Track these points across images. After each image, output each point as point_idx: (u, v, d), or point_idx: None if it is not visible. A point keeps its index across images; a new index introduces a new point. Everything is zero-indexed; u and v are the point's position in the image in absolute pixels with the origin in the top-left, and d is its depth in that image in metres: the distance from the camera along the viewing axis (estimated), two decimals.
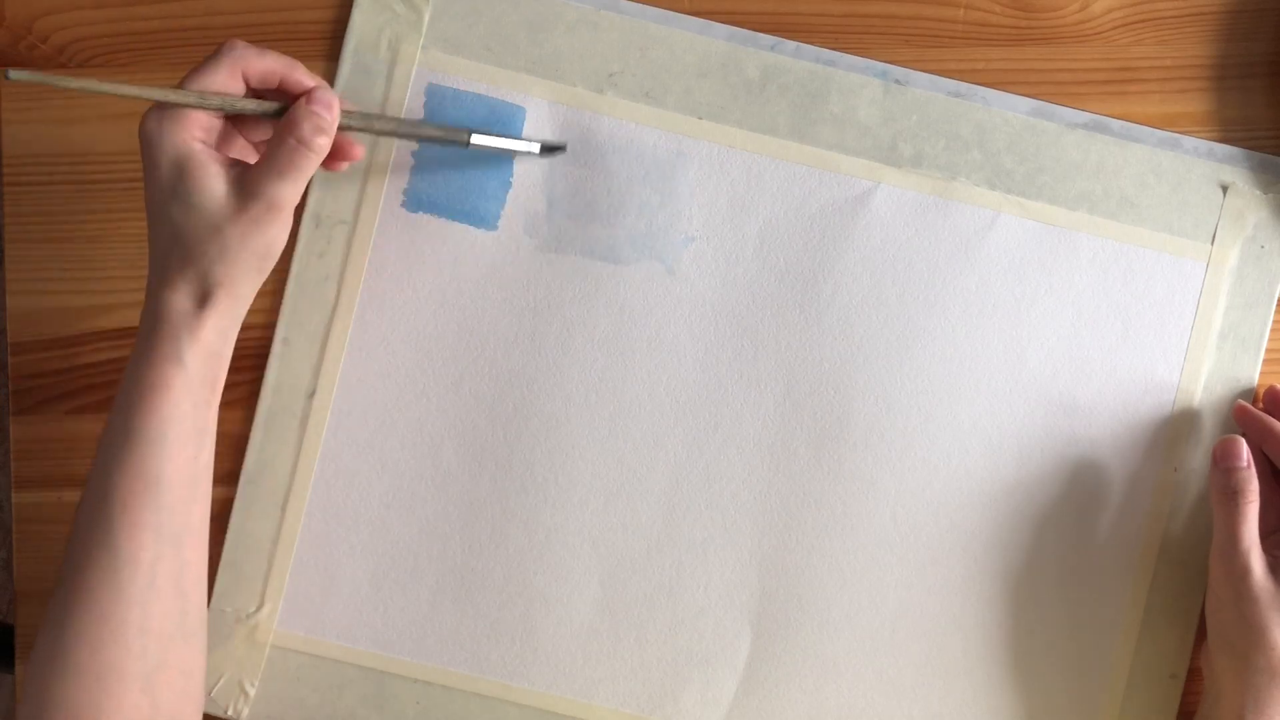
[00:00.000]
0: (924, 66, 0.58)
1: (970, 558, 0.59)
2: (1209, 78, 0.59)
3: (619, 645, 0.59)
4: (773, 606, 0.59)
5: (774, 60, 0.58)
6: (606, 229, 0.58)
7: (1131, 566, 0.59)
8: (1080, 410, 0.58)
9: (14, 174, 0.59)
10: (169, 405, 0.49)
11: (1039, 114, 0.58)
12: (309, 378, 0.58)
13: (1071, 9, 0.59)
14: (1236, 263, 0.58)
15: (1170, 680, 0.59)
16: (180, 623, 0.50)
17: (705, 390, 0.58)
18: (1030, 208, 0.58)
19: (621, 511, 0.59)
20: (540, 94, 0.58)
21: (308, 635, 0.58)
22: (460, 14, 0.58)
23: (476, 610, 0.59)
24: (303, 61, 0.51)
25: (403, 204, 0.58)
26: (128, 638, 0.48)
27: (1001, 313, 0.58)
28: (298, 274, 0.58)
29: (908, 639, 0.59)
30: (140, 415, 0.49)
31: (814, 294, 0.58)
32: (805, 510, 0.58)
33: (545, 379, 0.58)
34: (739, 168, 0.58)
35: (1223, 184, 0.58)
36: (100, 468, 0.49)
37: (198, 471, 0.50)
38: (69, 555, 0.49)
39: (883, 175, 0.58)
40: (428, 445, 0.58)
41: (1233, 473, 0.55)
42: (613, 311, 0.58)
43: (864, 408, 0.58)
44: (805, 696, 0.59)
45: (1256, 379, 0.58)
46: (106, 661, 0.48)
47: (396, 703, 0.58)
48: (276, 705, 0.58)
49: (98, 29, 0.59)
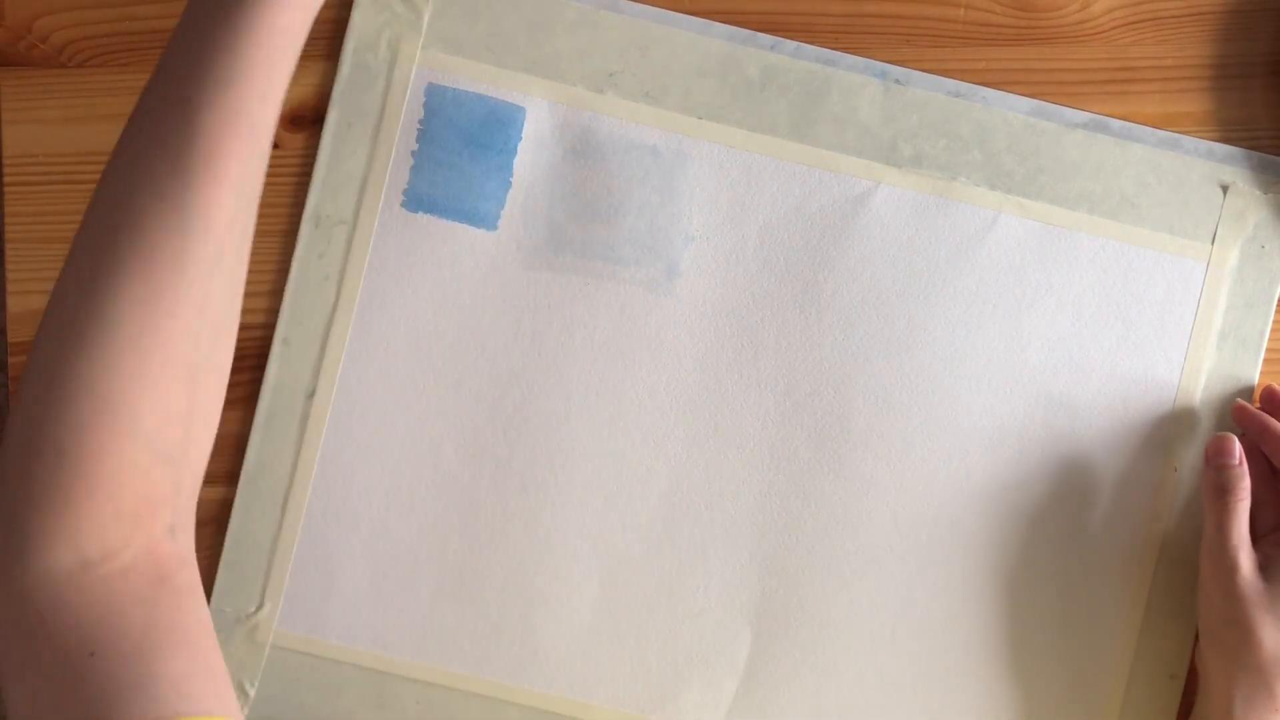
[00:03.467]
0: (924, 66, 0.58)
1: (970, 558, 0.59)
2: (1209, 78, 0.59)
3: (619, 645, 0.59)
4: (773, 606, 0.59)
5: (774, 60, 0.58)
6: (606, 229, 0.58)
7: (1131, 566, 0.59)
8: (1080, 410, 0.59)
9: (14, 174, 0.59)
10: (285, 42, 0.44)
11: (1039, 114, 0.58)
12: (309, 378, 0.58)
13: (1071, 9, 0.59)
14: (1236, 263, 0.58)
15: (1170, 680, 0.59)
16: (230, 309, 0.45)
17: (705, 390, 0.58)
18: (1030, 208, 0.58)
19: (621, 511, 0.59)
20: (540, 94, 0.58)
21: (308, 635, 0.58)
22: (460, 14, 0.58)
23: (476, 610, 0.59)
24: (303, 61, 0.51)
25: (402, 204, 0.58)
26: (186, 317, 0.42)
27: (1001, 313, 0.58)
28: (298, 274, 0.58)
29: (908, 639, 0.59)
30: (250, 48, 0.43)
31: (814, 294, 0.58)
32: (805, 510, 0.58)
33: (545, 379, 0.58)
34: (739, 168, 0.58)
35: (1223, 184, 0.58)
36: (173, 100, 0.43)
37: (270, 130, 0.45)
38: (105, 215, 0.42)
39: (882, 175, 0.58)
40: (428, 445, 0.58)
41: (1224, 470, 0.56)
42: (613, 311, 0.58)
43: (864, 408, 0.58)
44: (805, 696, 0.59)
45: (1256, 379, 0.58)
46: (155, 344, 0.41)
47: (396, 703, 0.58)
48: (276, 705, 0.58)
49: (98, 29, 0.59)
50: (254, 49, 0.44)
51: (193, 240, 0.42)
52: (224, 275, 0.44)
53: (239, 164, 0.43)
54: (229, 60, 0.43)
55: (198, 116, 0.42)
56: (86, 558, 0.41)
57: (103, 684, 0.39)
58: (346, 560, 0.58)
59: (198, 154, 0.42)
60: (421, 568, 0.59)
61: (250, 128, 0.44)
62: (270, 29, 0.44)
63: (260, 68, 0.44)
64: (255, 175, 0.45)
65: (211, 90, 0.43)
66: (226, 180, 0.43)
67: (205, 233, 0.42)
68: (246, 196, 0.44)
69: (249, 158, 0.44)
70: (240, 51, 0.43)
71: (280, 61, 0.45)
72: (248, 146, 0.43)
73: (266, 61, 0.44)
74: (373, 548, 0.58)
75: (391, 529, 0.58)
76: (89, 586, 0.41)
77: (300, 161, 0.58)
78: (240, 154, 0.43)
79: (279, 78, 0.45)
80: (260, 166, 0.45)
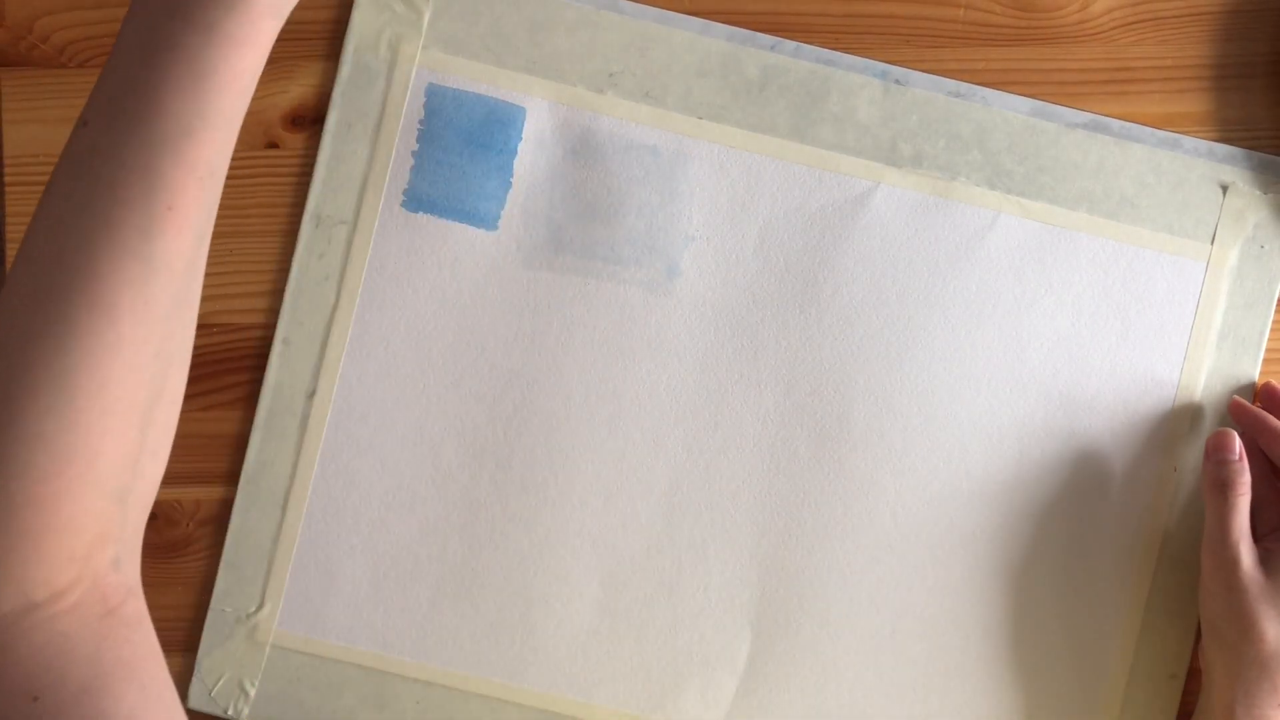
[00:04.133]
0: (924, 66, 0.58)
1: (970, 557, 0.59)
2: (1209, 78, 0.59)
3: (619, 645, 0.59)
4: (773, 606, 0.59)
5: (774, 60, 0.58)
6: (606, 229, 0.58)
7: (1131, 566, 0.59)
8: (1080, 410, 0.59)
9: (14, 174, 0.59)
10: (247, 83, 0.42)
11: (1039, 114, 0.58)
12: (309, 378, 0.58)
13: (1071, 9, 0.59)
14: (1236, 263, 0.58)
15: (1170, 680, 0.59)
16: (187, 341, 0.44)
17: (705, 390, 0.58)
18: (1030, 208, 0.58)
19: (621, 511, 0.59)
20: (540, 94, 0.58)
21: (308, 635, 0.58)
22: (460, 14, 0.58)
23: (476, 610, 0.59)
24: (303, 61, 0.51)
25: (403, 204, 0.58)
26: (146, 364, 0.41)
27: (1001, 312, 0.58)
28: (298, 274, 0.58)
29: (908, 639, 0.59)
30: (214, 94, 0.41)
31: (814, 294, 0.58)
32: (805, 510, 0.59)
33: (545, 379, 0.58)
34: (739, 168, 0.58)
35: (1223, 184, 0.58)
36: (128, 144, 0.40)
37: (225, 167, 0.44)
38: (53, 262, 0.40)
39: (883, 175, 0.58)
40: (428, 445, 0.58)
41: (1224, 465, 0.56)
42: (613, 311, 0.58)
43: (864, 408, 0.58)
44: (805, 696, 0.59)
45: (1256, 379, 0.58)
46: (115, 396, 0.40)
47: (396, 703, 0.58)
48: (276, 705, 0.58)
49: (98, 29, 0.59)
50: (217, 95, 0.41)
51: (154, 289, 0.40)
52: (182, 314, 0.43)
53: (199, 211, 0.42)
54: (194, 107, 0.41)
55: (159, 164, 0.40)
56: (32, 601, 0.39)
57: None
58: (346, 560, 0.58)
59: (159, 204, 0.40)
60: (421, 568, 0.59)
61: (210, 174, 0.42)
62: (236, 73, 0.42)
63: (224, 115, 0.42)
64: (212, 216, 0.43)
65: (175, 139, 0.41)
66: (188, 228, 0.41)
67: (167, 281, 0.41)
68: (204, 237, 0.43)
69: (209, 203, 0.42)
70: (205, 99, 0.41)
71: (241, 104, 0.43)
72: (209, 193, 0.42)
73: (230, 108, 0.42)
74: (373, 548, 0.58)
75: (391, 529, 0.58)
76: (33, 628, 0.39)
77: (300, 161, 0.58)
78: (202, 201, 0.42)
79: (239, 120, 0.43)
80: (216, 203, 0.43)
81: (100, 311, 0.40)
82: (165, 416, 0.43)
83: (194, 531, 0.59)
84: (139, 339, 0.40)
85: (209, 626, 0.58)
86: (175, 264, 0.41)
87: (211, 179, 0.42)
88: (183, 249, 0.41)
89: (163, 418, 0.43)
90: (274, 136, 0.59)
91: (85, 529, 0.41)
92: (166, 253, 0.41)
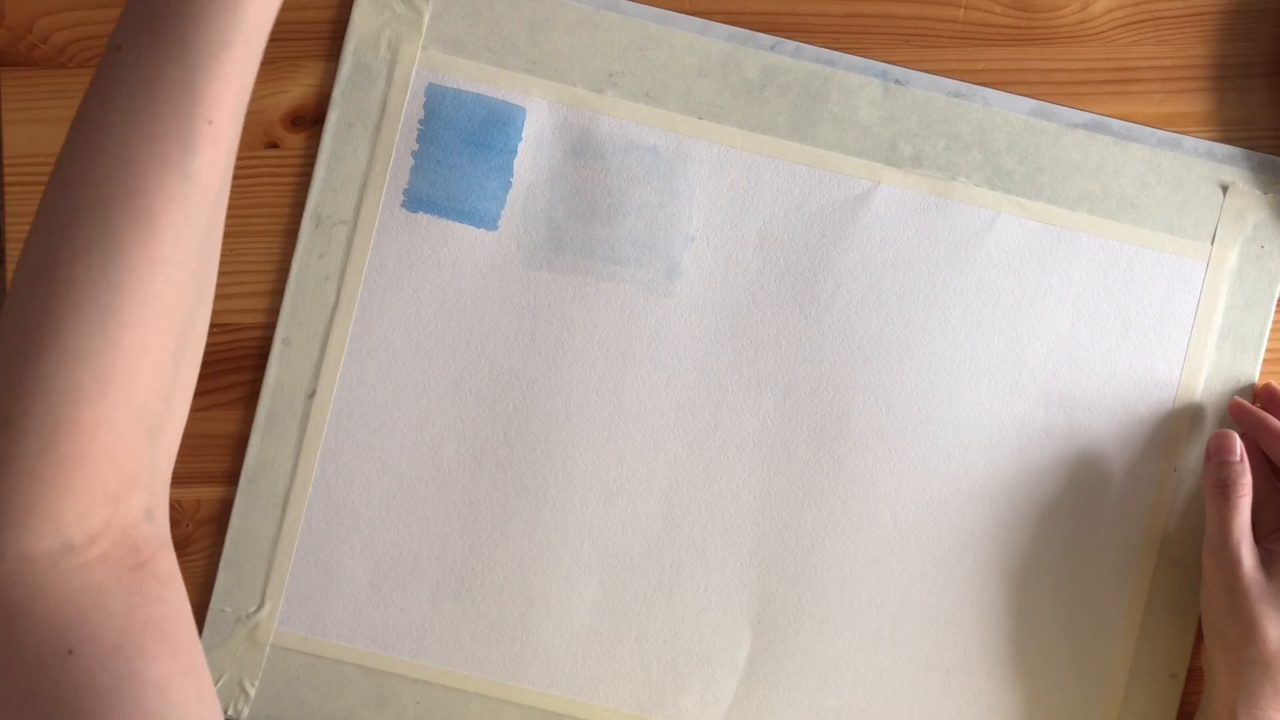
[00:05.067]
0: (924, 66, 0.58)
1: (970, 557, 0.59)
2: (1209, 78, 0.59)
3: (619, 645, 0.59)
4: (773, 606, 0.59)
5: (774, 60, 0.58)
6: (606, 229, 0.58)
7: (1131, 566, 0.59)
8: (1080, 410, 0.59)
9: (14, 174, 0.59)
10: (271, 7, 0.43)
11: (1039, 114, 0.58)
12: (309, 378, 0.58)
13: (1071, 9, 0.59)
14: (1236, 263, 0.58)
15: (1170, 680, 0.59)
16: (213, 271, 0.44)
17: (705, 390, 0.58)
18: (1030, 208, 0.58)
19: (621, 511, 0.59)
20: (540, 94, 0.58)
21: (308, 635, 0.58)
22: (460, 14, 0.58)
23: (476, 610, 0.59)
24: (303, 61, 0.52)
25: (403, 204, 0.58)
26: (183, 285, 0.41)
27: (1001, 312, 0.58)
28: (298, 274, 0.58)
29: (908, 639, 0.59)
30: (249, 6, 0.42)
31: (814, 294, 0.58)
32: (805, 510, 0.59)
33: (545, 379, 0.58)
34: (739, 168, 0.58)
35: (1223, 184, 0.58)
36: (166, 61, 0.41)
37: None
38: (96, 178, 0.40)
39: (882, 175, 0.58)
40: (428, 445, 0.58)
41: (1225, 466, 0.56)
42: (613, 311, 0.58)
43: (864, 408, 0.58)
44: (805, 696, 0.59)
45: (1256, 379, 0.58)
46: (154, 314, 0.40)
47: (396, 703, 0.59)
48: (276, 705, 0.58)
49: (98, 29, 0.59)
50: (249, 6, 0.43)
51: (193, 206, 0.41)
52: (213, 239, 0.43)
53: (233, 130, 0.43)
54: (230, 21, 0.42)
55: (199, 77, 0.41)
56: (69, 541, 0.39)
57: (79, 690, 0.37)
58: (346, 560, 0.58)
59: (200, 118, 0.41)
60: (421, 568, 0.59)
61: (244, 89, 0.43)
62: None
63: (255, 31, 0.43)
64: (236, 141, 0.44)
65: (216, 50, 0.42)
66: (223, 148, 0.42)
67: (203, 201, 0.42)
68: (230, 166, 0.44)
69: (238, 126, 0.43)
70: (240, 12, 0.42)
71: (269, 20, 0.44)
72: (241, 111, 0.43)
73: (260, 24, 0.43)
74: (373, 548, 0.58)
75: (391, 529, 0.58)
76: (69, 574, 0.39)
77: (300, 161, 0.58)
78: (237, 119, 0.43)
79: (265, 39, 0.44)
80: (239, 131, 0.44)
81: (144, 224, 0.40)
82: (194, 351, 0.44)
83: (194, 531, 0.59)
84: (178, 258, 0.41)
85: (209, 626, 0.58)
86: (211, 184, 0.42)
87: (244, 94, 0.43)
88: (217, 168, 0.42)
89: (191, 352, 0.44)
90: (274, 136, 0.59)
91: (120, 461, 0.40)
92: (204, 170, 0.41)
